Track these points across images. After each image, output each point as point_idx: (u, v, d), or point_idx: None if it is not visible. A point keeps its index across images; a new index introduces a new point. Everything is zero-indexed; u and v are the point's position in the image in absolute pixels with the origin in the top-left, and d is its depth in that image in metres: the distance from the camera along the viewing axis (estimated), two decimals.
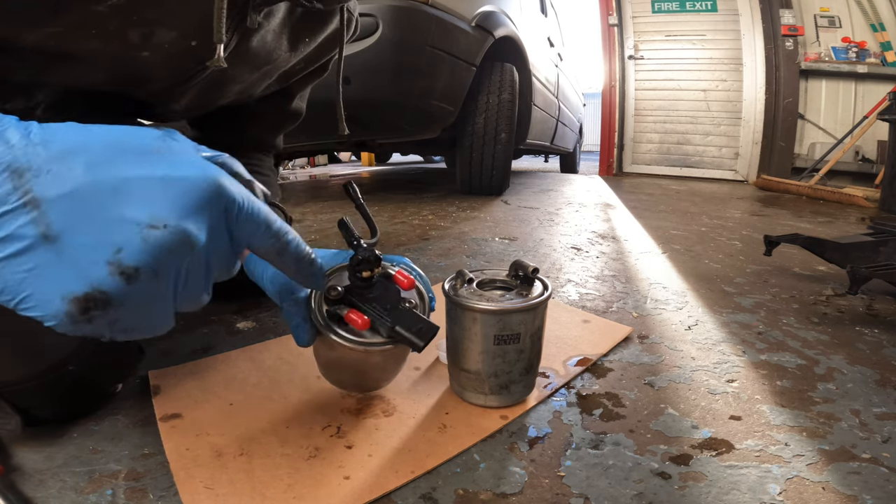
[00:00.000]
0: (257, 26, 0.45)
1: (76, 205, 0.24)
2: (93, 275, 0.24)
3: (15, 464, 0.40)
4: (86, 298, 0.24)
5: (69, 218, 0.23)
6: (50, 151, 0.24)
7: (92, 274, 0.24)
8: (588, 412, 0.50)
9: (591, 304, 0.82)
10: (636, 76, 3.88)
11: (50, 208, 0.23)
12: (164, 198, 0.25)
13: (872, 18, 3.18)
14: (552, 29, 3.21)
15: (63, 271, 0.23)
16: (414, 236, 1.35)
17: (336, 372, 0.45)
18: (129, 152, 0.26)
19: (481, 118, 1.98)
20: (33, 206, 0.23)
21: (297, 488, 0.38)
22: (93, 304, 0.24)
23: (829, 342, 0.67)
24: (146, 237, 0.24)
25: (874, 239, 0.99)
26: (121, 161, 0.25)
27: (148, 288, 0.25)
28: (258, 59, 0.50)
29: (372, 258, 0.39)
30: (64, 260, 0.23)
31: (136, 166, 0.25)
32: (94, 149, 0.25)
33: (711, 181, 3.51)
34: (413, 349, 0.39)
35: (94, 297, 0.24)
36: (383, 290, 0.40)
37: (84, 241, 0.24)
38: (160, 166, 0.26)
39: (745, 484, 0.39)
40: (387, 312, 0.38)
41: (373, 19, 1.49)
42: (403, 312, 0.38)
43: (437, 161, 4.92)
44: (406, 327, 0.37)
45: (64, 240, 0.23)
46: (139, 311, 0.26)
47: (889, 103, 2.23)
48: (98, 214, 0.24)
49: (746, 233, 1.49)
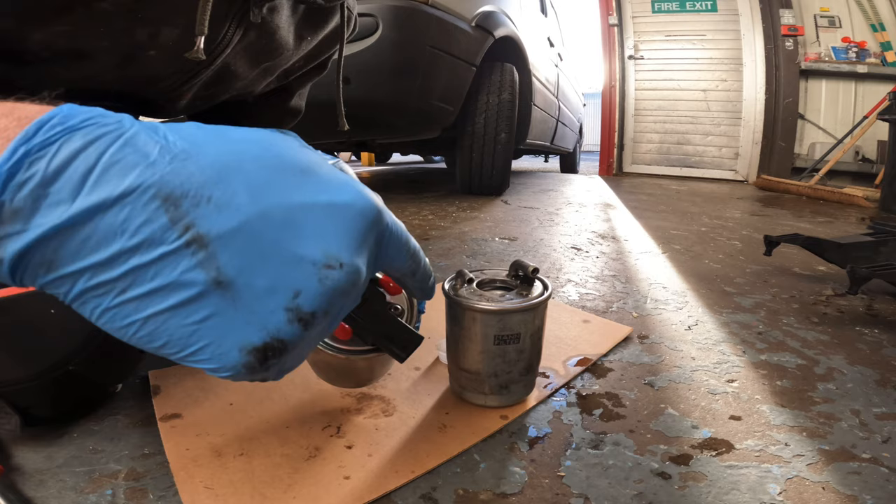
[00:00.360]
0: (260, 21, 0.45)
1: (248, 242, 0.20)
2: (271, 323, 0.21)
3: (15, 464, 0.40)
4: (265, 348, 0.21)
5: (242, 259, 0.20)
6: (202, 168, 0.20)
7: (271, 323, 0.21)
8: (588, 412, 0.50)
9: (591, 304, 0.82)
10: (636, 76, 3.88)
11: (220, 248, 0.20)
12: (336, 231, 0.23)
13: (872, 18, 3.18)
14: (552, 29, 3.21)
15: (239, 320, 0.21)
16: (414, 236, 1.35)
17: (325, 373, 0.45)
18: (288, 171, 0.23)
19: (481, 118, 1.98)
20: (199, 244, 0.19)
21: (297, 488, 0.38)
22: (271, 353, 0.21)
23: (829, 342, 0.67)
24: (323, 279, 0.22)
25: (874, 239, 0.99)
26: (281, 183, 0.22)
27: (319, 330, 0.23)
28: (261, 54, 0.50)
29: None
30: (239, 308, 0.20)
31: (298, 190, 0.22)
32: (250, 166, 0.22)
33: (711, 181, 3.51)
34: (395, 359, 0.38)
35: (272, 346, 0.21)
36: (368, 296, 0.39)
37: (260, 286, 0.21)
38: (321, 189, 0.23)
39: (745, 484, 0.39)
40: (370, 320, 0.37)
41: (373, 19, 1.49)
42: (387, 321, 0.37)
43: (437, 161, 4.92)
44: (388, 338, 0.37)
45: (238, 285, 0.20)
46: (305, 352, 0.24)
47: (889, 103, 2.23)
48: (272, 253, 0.21)
49: (746, 233, 1.49)
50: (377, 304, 0.39)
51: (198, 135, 0.21)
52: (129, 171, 0.19)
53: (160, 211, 0.19)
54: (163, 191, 0.19)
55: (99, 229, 0.18)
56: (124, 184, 0.19)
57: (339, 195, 0.23)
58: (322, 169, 0.24)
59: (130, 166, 0.19)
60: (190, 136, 0.21)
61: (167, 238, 0.19)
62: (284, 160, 0.23)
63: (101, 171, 0.18)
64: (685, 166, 3.80)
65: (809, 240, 0.99)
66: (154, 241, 0.19)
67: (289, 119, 0.73)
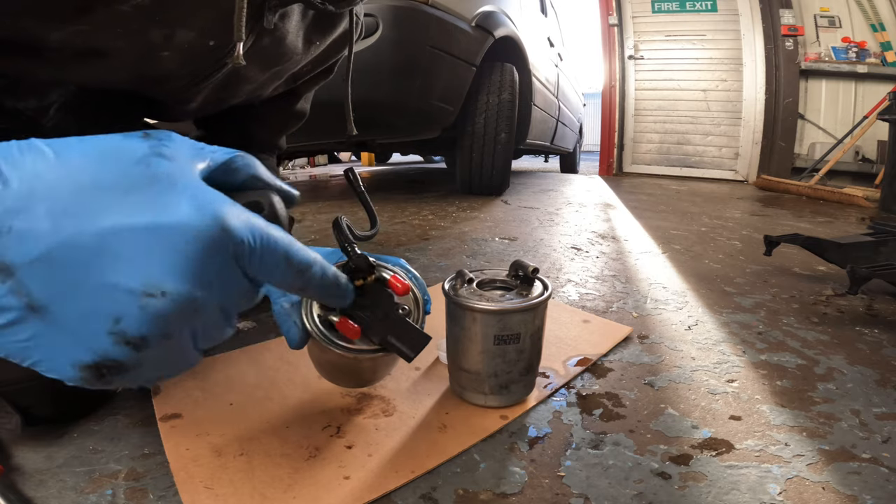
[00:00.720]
0: (273, 27, 0.45)
1: (54, 271, 0.20)
2: (97, 346, 0.21)
3: (15, 464, 0.40)
4: (98, 366, 0.21)
5: (50, 287, 0.20)
6: (4, 198, 0.19)
7: (95, 345, 0.21)
8: (588, 412, 0.50)
9: (591, 304, 0.82)
10: (636, 76, 3.88)
11: (25, 276, 0.20)
12: (156, 257, 0.21)
13: (872, 18, 3.18)
14: (552, 29, 3.21)
15: (64, 341, 0.21)
16: (414, 236, 1.35)
17: (328, 371, 0.45)
18: (106, 189, 0.21)
19: (481, 118, 1.98)
20: (5, 273, 0.19)
21: (297, 488, 0.38)
22: (106, 370, 0.22)
23: (829, 342, 0.67)
24: (144, 306, 0.21)
25: (874, 239, 0.99)
26: (96, 204, 0.21)
27: (161, 349, 0.22)
28: (272, 59, 0.50)
29: (364, 267, 0.38)
30: (61, 331, 0.20)
31: (115, 211, 0.21)
32: (61, 188, 0.20)
33: (711, 181, 3.51)
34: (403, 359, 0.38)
35: (106, 364, 0.21)
36: (376, 297, 0.39)
37: (76, 312, 0.20)
38: (146, 208, 0.21)
39: (745, 484, 0.39)
40: (379, 320, 0.38)
41: (373, 19, 1.49)
42: (396, 321, 0.38)
43: (437, 161, 4.92)
44: (397, 337, 0.37)
45: (53, 311, 0.20)
46: (158, 366, 0.23)
47: (889, 103, 2.23)
48: (82, 281, 0.20)
49: (746, 233, 1.49)
50: (386, 304, 0.39)
51: (18, 159, 0.21)
52: None
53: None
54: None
55: None
56: None
57: (164, 215, 0.21)
58: (158, 182, 0.22)
59: None
60: (9, 161, 0.20)
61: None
62: (104, 178, 0.21)
63: None
64: (685, 166, 3.79)
65: (809, 240, 0.99)
66: None
67: (294, 122, 0.73)
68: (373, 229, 0.44)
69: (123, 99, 0.49)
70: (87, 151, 0.22)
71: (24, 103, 0.42)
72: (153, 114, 0.55)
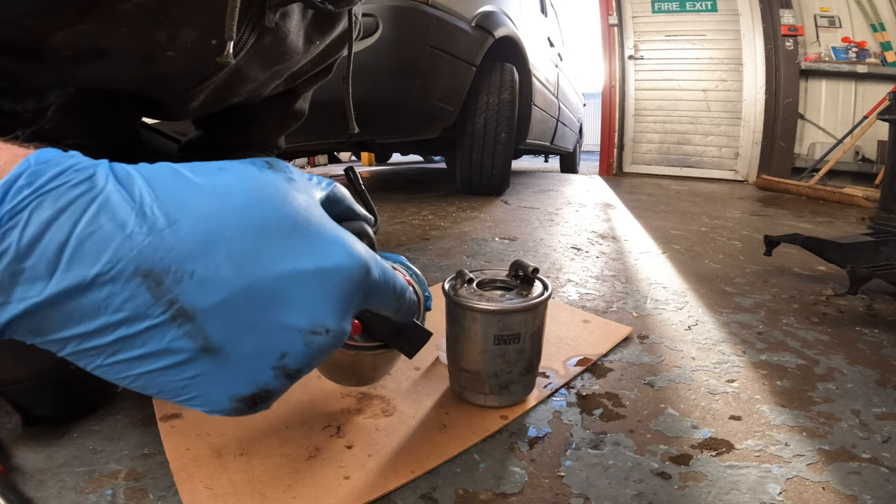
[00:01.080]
0: (274, 26, 0.45)
1: (234, 314, 0.21)
2: (259, 379, 0.22)
3: (15, 464, 0.40)
4: (253, 398, 0.23)
5: (229, 328, 0.21)
6: (182, 241, 0.20)
7: (259, 378, 0.22)
8: (588, 412, 0.50)
9: (591, 304, 0.82)
10: (636, 76, 3.88)
11: (205, 321, 0.20)
12: (322, 299, 0.23)
13: (872, 18, 3.18)
14: (552, 29, 3.21)
15: (227, 377, 0.22)
16: (414, 236, 1.35)
17: (328, 370, 0.45)
18: (273, 234, 0.22)
19: (481, 118, 1.98)
20: (184, 318, 0.20)
21: (297, 488, 0.38)
22: (259, 399, 0.23)
23: (829, 342, 0.67)
24: (309, 343, 0.23)
25: (874, 239, 0.99)
26: (267, 250, 0.22)
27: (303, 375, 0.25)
28: (273, 58, 0.50)
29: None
30: (227, 368, 0.22)
31: (284, 257, 0.22)
32: (234, 233, 0.21)
33: (711, 181, 3.51)
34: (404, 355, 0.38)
35: (260, 395, 0.23)
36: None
37: (247, 351, 0.22)
38: (308, 253, 0.23)
39: (745, 484, 0.39)
40: (379, 317, 0.38)
41: (373, 19, 1.49)
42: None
43: (437, 161, 4.92)
44: (397, 334, 0.37)
45: (226, 350, 0.21)
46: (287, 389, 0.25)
47: (889, 103, 2.23)
48: (258, 323, 0.22)
49: (746, 233, 1.49)
50: None
51: (175, 191, 0.20)
52: (106, 245, 0.18)
53: (142, 288, 0.19)
54: (142, 267, 0.19)
55: (82, 305, 0.18)
56: (101, 261, 0.18)
57: (326, 259, 0.23)
58: (311, 223, 0.24)
59: (106, 240, 0.18)
60: (167, 193, 0.20)
61: (152, 313, 0.19)
62: (270, 221, 0.22)
63: (76, 245, 0.18)
64: (685, 166, 3.79)
65: (809, 240, 0.99)
66: (139, 315, 0.19)
67: (293, 121, 0.73)
68: (373, 227, 0.44)
69: (122, 100, 0.49)
70: (243, 188, 0.22)
71: (23, 105, 0.42)
72: (153, 114, 0.55)
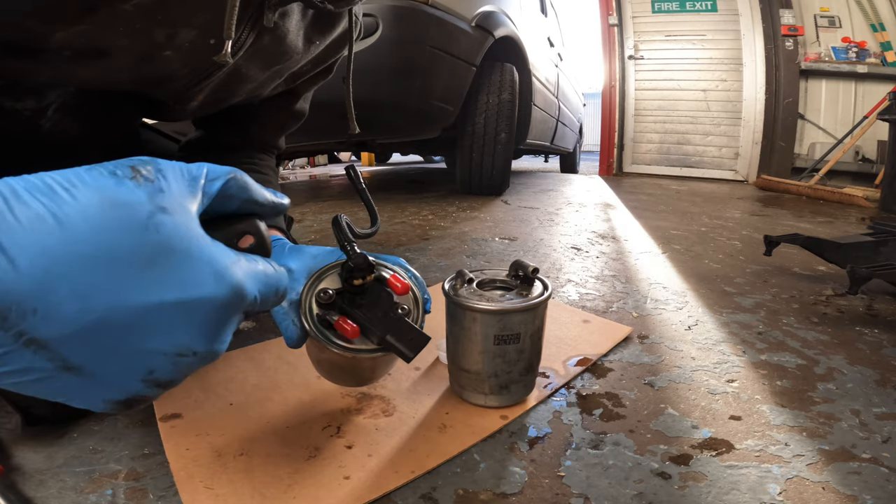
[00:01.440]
0: (273, 25, 0.45)
1: (87, 343, 0.21)
2: (129, 389, 0.23)
3: (15, 464, 0.40)
4: (128, 401, 0.23)
5: (85, 354, 0.21)
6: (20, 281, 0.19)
7: (129, 388, 0.23)
8: (588, 412, 0.50)
9: (591, 304, 0.82)
10: (636, 76, 3.88)
11: (59, 347, 0.20)
12: (188, 327, 0.23)
13: (872, 18, 3.18)
14: (552, 29, 3.21)
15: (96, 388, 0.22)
16: (414, 236, 1.35)
17: (327, 371, 0.45)
18: (125, 265, 0.21)
19: (481, 118, 1.98)
20: (37, 346, 0.20)
21: (297, 488, 0.38)
22: (136, 402, 0.24)
23: (829, 342, 0.67)
24: (177, 363, 0.23)
25: (874, 239, 0.99)
26: (119, 280, 0.21)
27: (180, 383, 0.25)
28: (272, 58, 0.50)
29: (363, 266, 0.38)
30: (94, 381, 0.22)
31: (142, 288, 0.21)
32: (76, 269, 0.20)
33: (711, 181, 3.51)
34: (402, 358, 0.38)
35: (135, 399, 0.23)
36: (376, 296, 0.39)
37: (110, 370, 0.22)
38: (170, 283, 0.22)
39: (745, 484, 0.39)
40: (378, 320, 0.38)
41: (373, 19, 1.49)
42: (395, 321, 0.38)
43: (437, 161, 4.92)
44: (396, 337, 0.37)
45: (88, 369, 0.21)
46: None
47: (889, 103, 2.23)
48: (118, 348, 0.21)
49: (746, 233, 1.49)
50: (385, 304, 0.39)
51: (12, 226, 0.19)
52: None
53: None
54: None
55: None
56: None
57: (190, 289, 0.22)
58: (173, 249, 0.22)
59: None
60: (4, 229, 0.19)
61: (5, 342, 0.19)
62: (119, 251, 0.21)
63: None
64: (685, 166, 3.79)
65: (809, 240, 0.99)
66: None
67: (293, 122, 0.73)
68: (373, 227, 0.44)
69: (122, 99, 0.49)
70: (87, 213, 0.21)
71: (22, 104, 0.42)
72: (152, 114, 0.55)
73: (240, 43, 0.44)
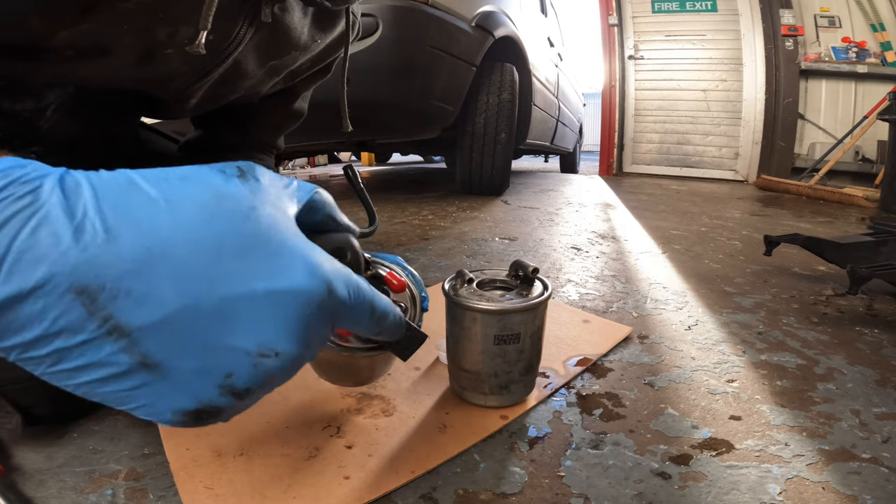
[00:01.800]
0: (272, 20, 0.45)
1: (173, 333, 0.20)
2: (204, 395, 0.22)
3: (15, 464, 0.40)
4: (198, 413, 0.22)
5: (167, 347, 0.20)
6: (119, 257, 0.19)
7: (203, 395, 0.22)
8: (588, 412, 0.50)
9: (591, 304, 0.82)
10: (636, 76, 3.88)
11: (142, 338, 0.20)
12: (273, 322, 0.22)
13: (872, 18, 3.18)
14: (552, 29, 3.21)
15: (169, 391, 0.21)
16: (414, 236, 1.35)
17: (325, 370, 0.45)
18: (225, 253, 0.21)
19: (481, 118, 1.98)
20: (120, 334, 0.19)
21: (297, 488, 0.38)
22: (205, 415, 0.22)
23: (829, 342, 0.67)
24: (258, 364, 0.22)
25: (874, 239, 0.99)
26: (216, 267, 0.21)
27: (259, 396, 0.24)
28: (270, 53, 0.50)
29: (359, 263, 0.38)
30: (168, 382, 0.21)
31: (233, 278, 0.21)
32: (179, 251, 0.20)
33: (711, 181, 3.51)
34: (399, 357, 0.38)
35: (206, 410, 0.22)
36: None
37: (189, 369, 0.21)
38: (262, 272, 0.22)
39: (745, 484, 0.39)
40: None
41: (373, 19, 1.49)
42: None
43: (437, 161, 4.92)
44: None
45: (166, 366, 0.21)
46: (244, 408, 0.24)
47: (889, 103, 2.23)
48: (200, 342, 0.21)
49: (746, 233, 1.49)
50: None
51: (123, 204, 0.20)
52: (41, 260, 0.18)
53: (76, 303, 0.19)
54: (76, 284, 0.18)
55: (20, 315, 0.18)
56: (36, 275, 0.18)
57: (280, 280, 0.22)
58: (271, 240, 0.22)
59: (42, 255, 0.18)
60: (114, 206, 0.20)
61: (86, 327, 0.19)
62: (223, 238, 0.21)
63: (14, 259, 0.18)
64: (685, 166, 3.80)
65: (809, 240, 0.99)
66: (74, 329, 0.19)
67: (292, 121, 0.73)
68: (372, 226, 0.44)
69: (122, 98, 0.49)
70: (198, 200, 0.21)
71: (22, 104, 0.42)
72: (151, 113, 0.55)
73: (239, 37, 0.44)
